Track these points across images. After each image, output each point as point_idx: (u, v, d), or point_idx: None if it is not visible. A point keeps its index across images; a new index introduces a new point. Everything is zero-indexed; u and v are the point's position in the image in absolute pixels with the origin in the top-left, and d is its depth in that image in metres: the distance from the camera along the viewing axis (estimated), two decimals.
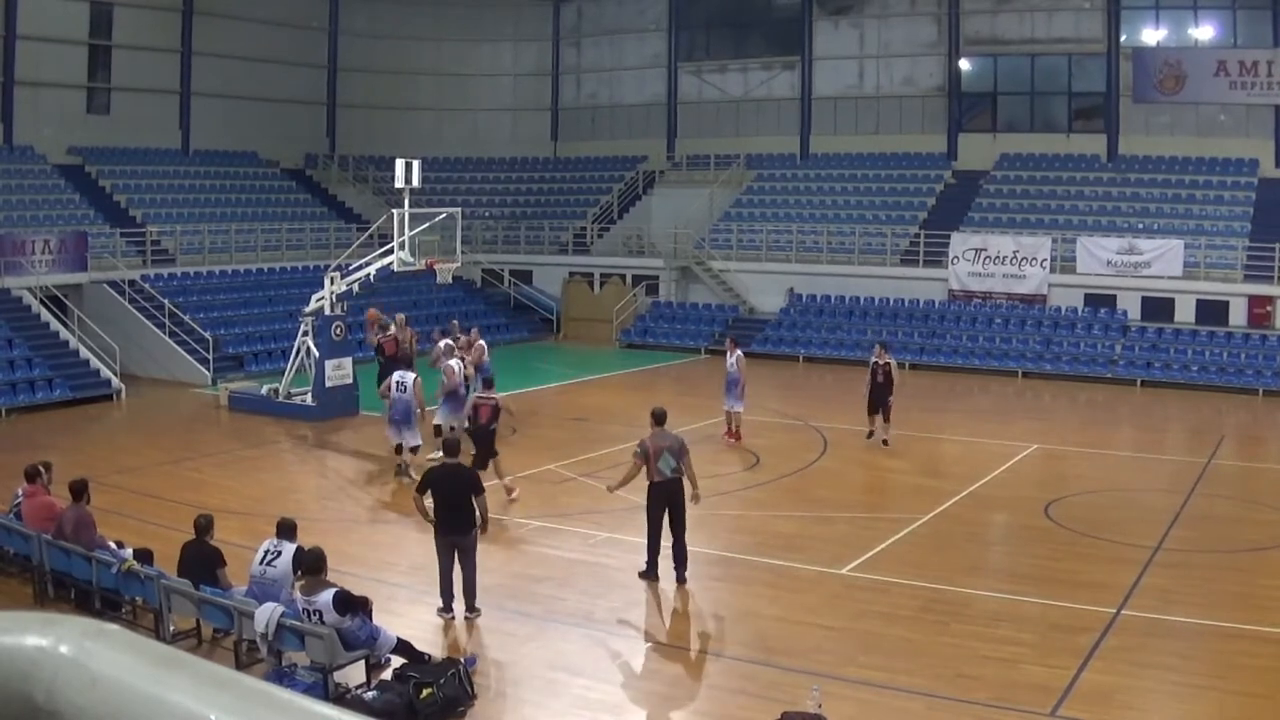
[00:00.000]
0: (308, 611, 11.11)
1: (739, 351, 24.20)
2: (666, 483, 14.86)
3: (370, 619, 11.65)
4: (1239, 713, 11.34)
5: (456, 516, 13.61)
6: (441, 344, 23.28)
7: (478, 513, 13.64)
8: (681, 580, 14.95)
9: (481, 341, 24.91)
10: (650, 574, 15.04)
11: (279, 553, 12.08)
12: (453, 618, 13.63)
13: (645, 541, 15.06)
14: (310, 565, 11.33)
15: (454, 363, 21.94)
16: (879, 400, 23.53)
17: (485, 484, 14.29)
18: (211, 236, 37.85)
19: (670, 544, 14.98)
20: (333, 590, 11.16)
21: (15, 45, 37.14)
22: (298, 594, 11.31)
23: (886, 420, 23.58)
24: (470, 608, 13.70)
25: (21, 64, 37.35)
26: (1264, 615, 13.82)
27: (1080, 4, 41.05)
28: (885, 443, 23.44)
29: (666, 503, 14.87)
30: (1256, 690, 11.73)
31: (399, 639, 11.75)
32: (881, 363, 23.59)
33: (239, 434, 25.12)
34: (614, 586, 14.67)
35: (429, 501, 13.86)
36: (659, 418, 15.33)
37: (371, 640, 11.42)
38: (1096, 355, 34.41)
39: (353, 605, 11.25)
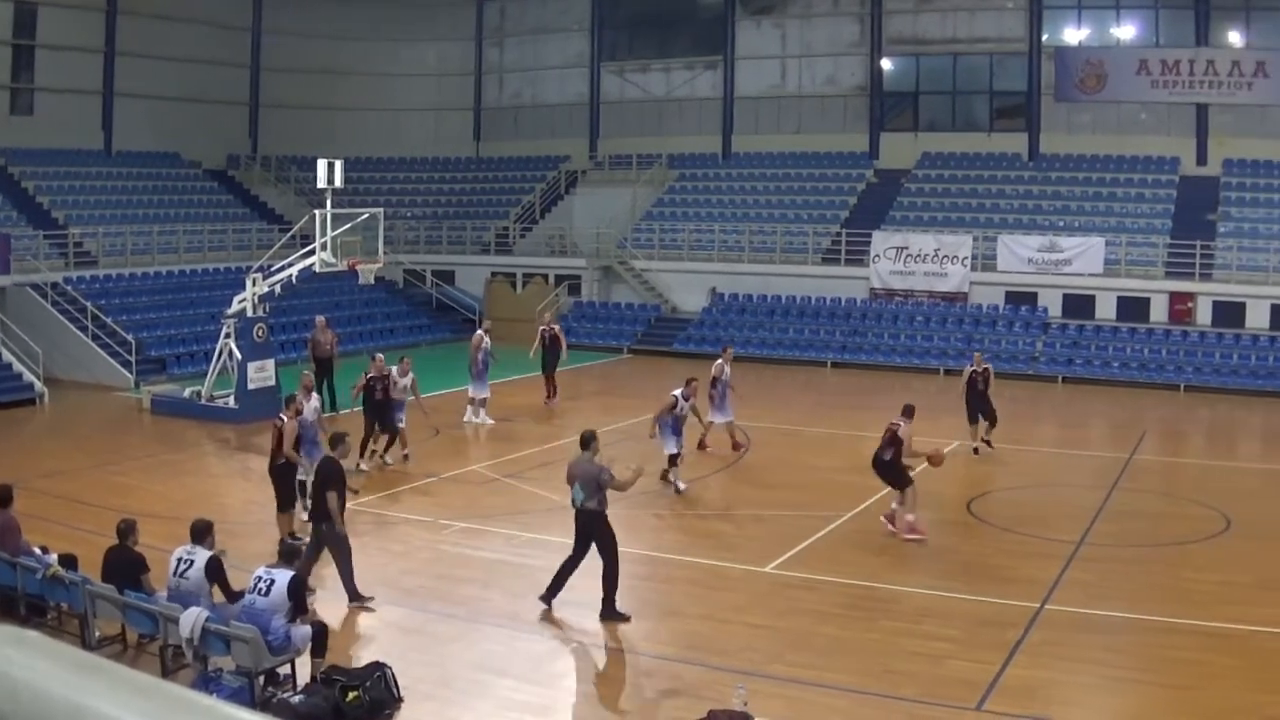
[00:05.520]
0: (259, 579, 11.35)
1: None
2: (578, 513, 13.76)
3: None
4: (1165, 705, 11.35)
5: (317, 508, 14.01)
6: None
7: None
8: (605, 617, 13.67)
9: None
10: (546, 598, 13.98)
11: (191, 562, 11.80)
12: (314, 596, 13.33)
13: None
14: (287, 553, 11.90)
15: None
16: (980, 408, 22.93)
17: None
18: (134, 238, 37.15)
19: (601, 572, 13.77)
20: (292, 574, 11.42)
21: None
22: (261, 567, 11.61)
23: (993, 424, 23.00)
24: (351, 599, 13.85)
25: None
26: (1188, 608, 13.89)
27: (1002, 4, 41.47)
28: (989, 443, 22.94)
29: (582, 533, 13.79)
30: (1182, 682, 11.75)
31: (312, 627, 11.60)
32: (980, 369, 23.07)
33: (162, 437, 24.69)
34: (539, 587, 14.36)
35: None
36: (581, 442, 14.13)
37: (287, 640, 11.20)
38: (1018, 352, 34.67)
39: (301, 598, 11.40)
